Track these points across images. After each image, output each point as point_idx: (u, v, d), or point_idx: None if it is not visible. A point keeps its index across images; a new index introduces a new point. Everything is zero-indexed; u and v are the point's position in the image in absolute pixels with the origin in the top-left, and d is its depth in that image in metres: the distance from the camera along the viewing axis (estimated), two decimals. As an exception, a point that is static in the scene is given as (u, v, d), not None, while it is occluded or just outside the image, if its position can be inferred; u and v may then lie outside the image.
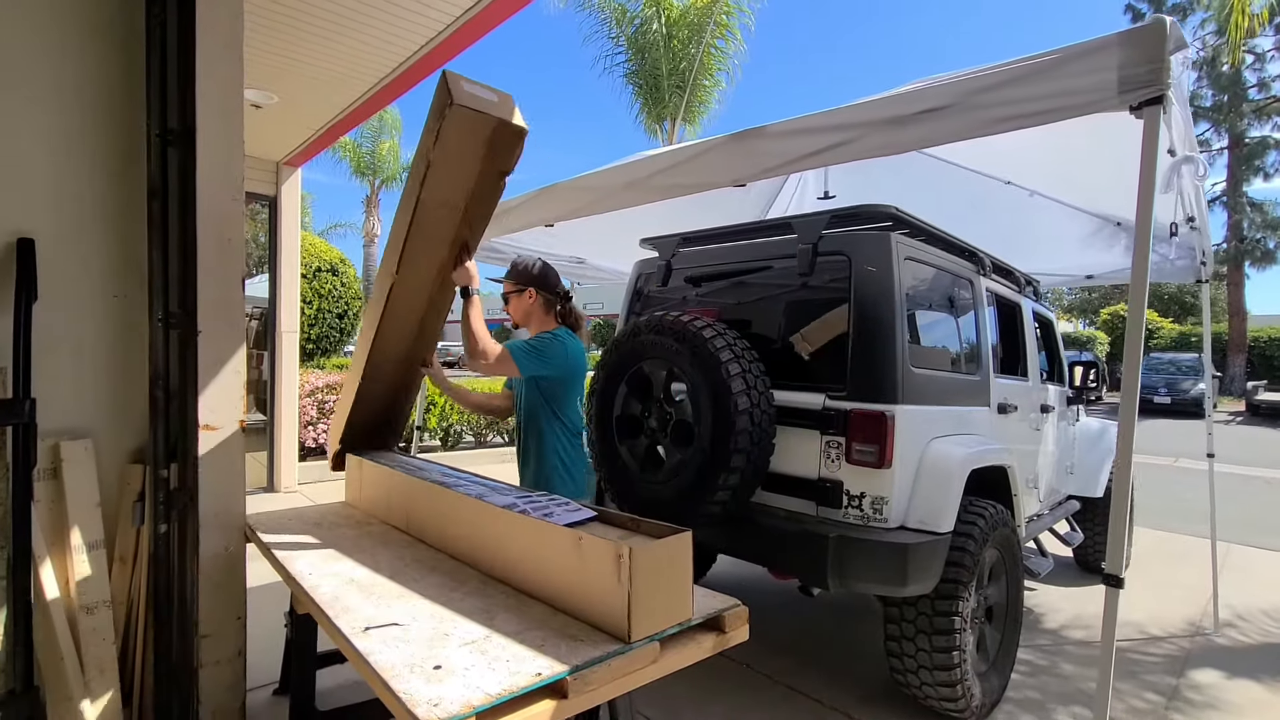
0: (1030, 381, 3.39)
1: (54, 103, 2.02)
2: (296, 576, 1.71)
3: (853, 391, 2.34)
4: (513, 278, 2.55)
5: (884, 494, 2.25)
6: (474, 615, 1.45)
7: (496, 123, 1.94)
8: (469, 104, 1.83)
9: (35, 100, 1.99)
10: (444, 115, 1.83)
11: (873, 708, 2.58)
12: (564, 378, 2.44)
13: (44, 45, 2.01)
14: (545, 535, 1.53)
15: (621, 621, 1.32)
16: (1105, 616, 1.61)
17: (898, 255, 2.40)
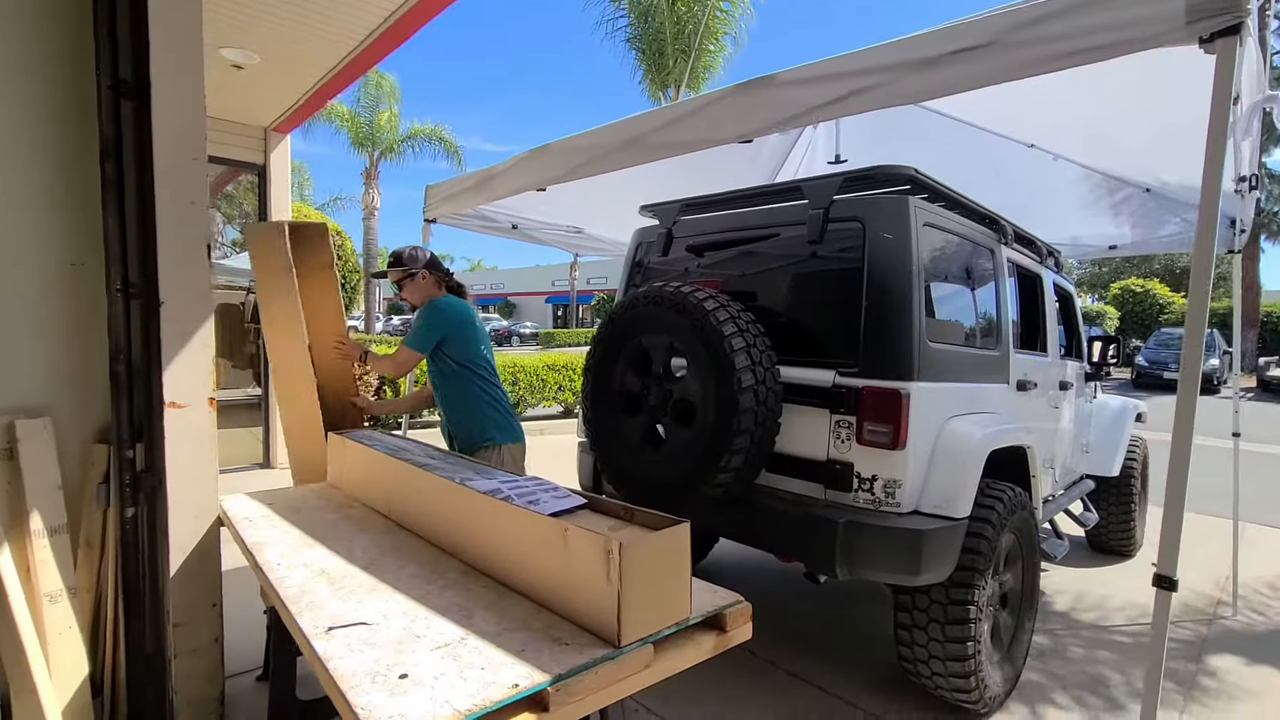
0: (1050, 357, 3.23)
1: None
2: (264, 567, 1.58)
3: (865, 368, 2.19)
4: (405, 264, 2.77)
5: (897, 477, 2.11)
6: (450, 613, 1.32)
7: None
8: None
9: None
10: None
11: (879, 696, 2.48)
12: (456, 331, 2.67)
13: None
14: (529, 525, 1.39)
15: (611, 623, 1.18)
16: (1155, 620, 1.47)
17: (916, 221, 2.22)
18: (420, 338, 2.66)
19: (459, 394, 2.69)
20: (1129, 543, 4.22)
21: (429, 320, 2.67)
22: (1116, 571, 3.98)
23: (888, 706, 2.41)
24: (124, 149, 1.96)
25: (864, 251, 2.24)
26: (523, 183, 2.73)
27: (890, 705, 2.42)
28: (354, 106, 20.02)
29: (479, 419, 2.67)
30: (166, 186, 1.94)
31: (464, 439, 2.69)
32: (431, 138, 20.10)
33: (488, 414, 2.69)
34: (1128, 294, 24.37)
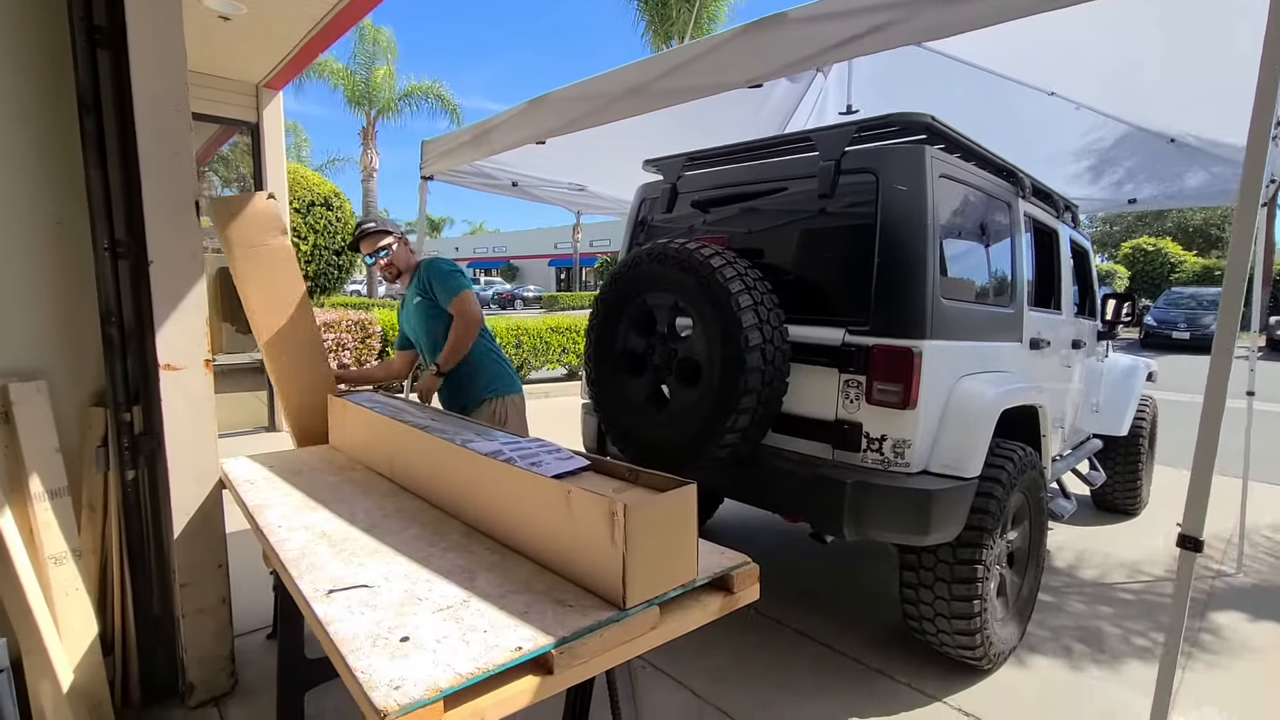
0: (1064, 315, 3.15)
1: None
2: (265, 530, 1.56)
3: (876, 326, 2.12)
4: (391, 231, 2.71)
5: (907, 436, 2.07)
6: (453, 575, 1.30)
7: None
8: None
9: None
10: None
11: (884, 653, 2.50)
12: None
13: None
14: (532, 487, 1.36)
15: (616, 585, 1.16)
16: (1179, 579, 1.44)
17: (932, 172, 2.12)
18: (460, 280, 2.61)
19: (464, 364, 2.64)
20: (1134, 502, 4.21)
21: (450, 271, 2.62)
22: (1120, 530, 3.98)
23: (892, 663, 2.43)
24: (103, 101, 1.88)
25: (877, 205, 2.15)
26: (521, 135, 2.63)
27: (895, 662, 2.43)
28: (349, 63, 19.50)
29: (483, 373, 2.65)
30: (149, 139, 1.86)
31: (466, 394, 2.65)
32: (429, 95, 19.60)
33: (490, 368, 2.67)
34: (1138, 253, 23.97)
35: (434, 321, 2.64)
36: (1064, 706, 2.22)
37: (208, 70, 5.01)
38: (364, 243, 2.68)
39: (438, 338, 2.64)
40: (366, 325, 6.73)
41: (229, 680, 2.13)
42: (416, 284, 2.67)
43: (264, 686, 2.17)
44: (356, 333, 6.63)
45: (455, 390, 2.67)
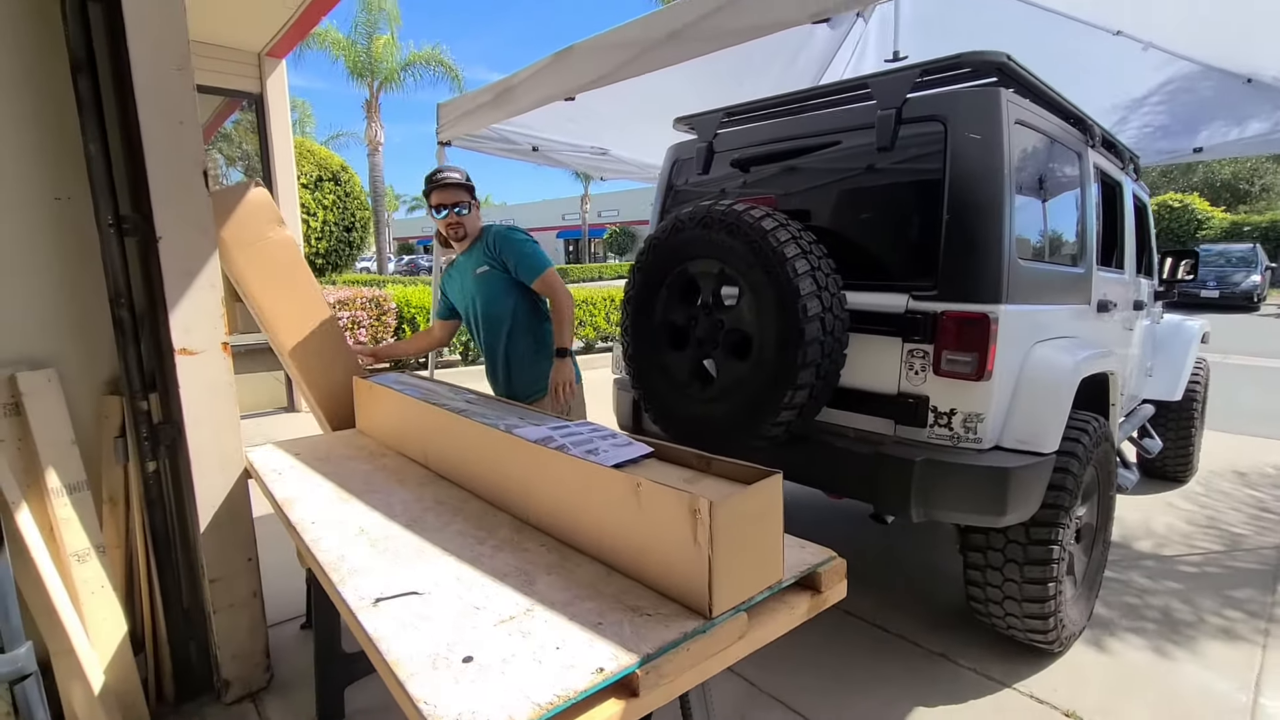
0: (1127, 275, 2.95)
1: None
2: (297, 526, 1.44)
3: (945, 290, 1.94)
4: (469, 190, 2.42)
5: (980, 410, 1.91)
6: (509, 579, 1.17)
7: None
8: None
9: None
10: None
11: (942, 635, 2.37)
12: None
13: None
14: (593, 479, 1.22)
15: (700, 591, 1.02)
16: None
17: (1008, 118, 1.92)
18: (543, 253, 2.43)
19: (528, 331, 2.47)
20: (1186, 469, 4.04)
21: (529, 242, 2.42)
22: (1171, 498, 3.82)
23: (952, 645, 2.31)
24: (98, 60, 1.71)
25: (945, 156, 1.95)
26: (547, 92, 2.42)
27: (954, 644, 2.31)
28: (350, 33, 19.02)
29: (548, 356, 2.44)
30: (150, 103, 1.69)
31: (529, 378, 2.48)
32: (431, 62, 19.12)
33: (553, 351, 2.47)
34: (1164, 209, 23.22)
35: (502, 296, 2.42)
36: (1140, 689, 2.09)
37: (207, 39, 4.80)
38: (440, 192, 2.37)
39: (504, 313, 2.43)
40: (381, 302, 6.60)
41: (265, 675, 2.05)
42: (482, 252, 2.42)
43: (300, 680, 2.09)
44: (372, 310, 6.51)
45: (518, 371, 2.49)
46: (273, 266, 2.14)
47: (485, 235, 2.44)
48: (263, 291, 2.14)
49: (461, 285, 2.53)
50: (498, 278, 2.40)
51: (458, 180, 2.38)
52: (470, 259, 2.47)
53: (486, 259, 2.41)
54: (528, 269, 2.35)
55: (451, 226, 2.39)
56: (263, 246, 2.10)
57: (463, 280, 2.52)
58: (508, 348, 2.47)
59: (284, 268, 2.17)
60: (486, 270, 2.41)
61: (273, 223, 2.12)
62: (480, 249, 2.44)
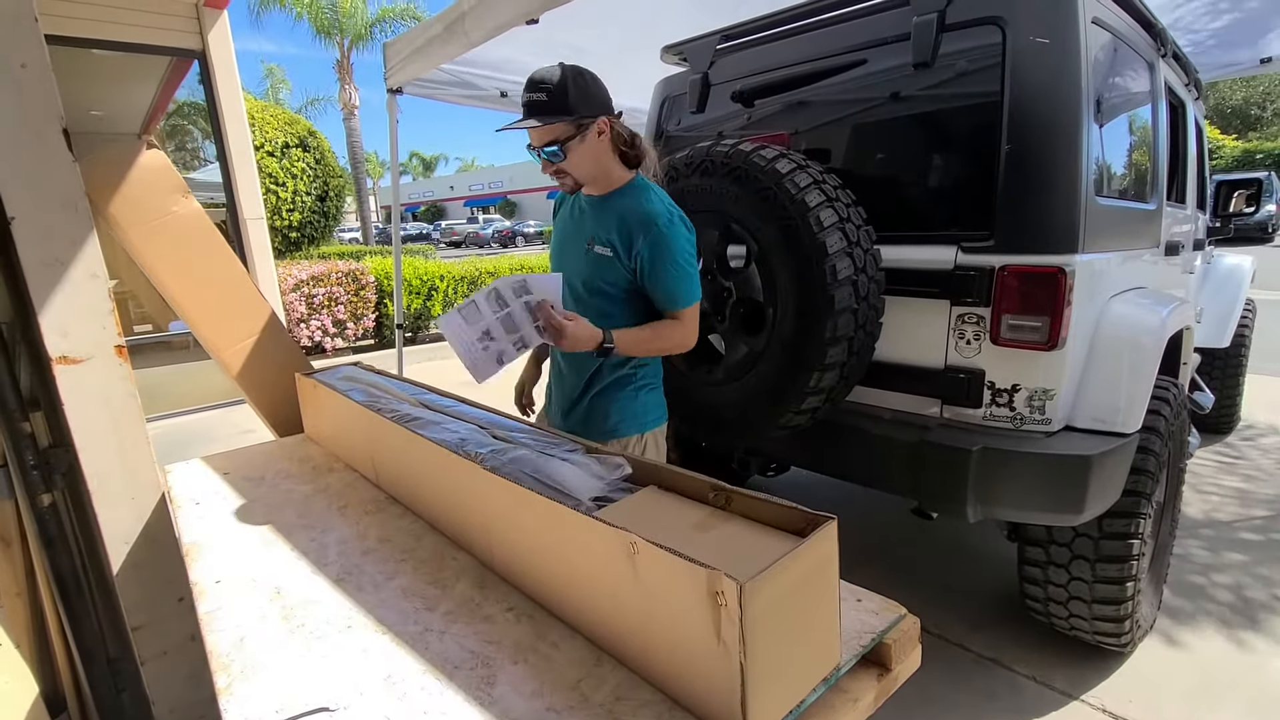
0: (1189, 209, 2.57)
1: None
2: (194, 589, 1.11)
3: (1004, 240, 1.58)
4: (574, 109, 1.37)
5: (1050, 385, 1.57)
6: (459, 674, 0.84)
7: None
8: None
9: None
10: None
11: (988, 636, 2.09)
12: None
13: None
14: (572, 531, 0.88)
15: (729, 705, 0.70)
16: None
17: (1085, 15, 1.51)
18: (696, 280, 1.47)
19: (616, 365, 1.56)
20: (1230, 419, 3.75)
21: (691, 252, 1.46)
22: (1218, 453, 3.52)
23: (1004, 649, 2.02)
24: (-102, -16, 1.29)
25: (1004, 70, 1.56)
26: (505, 15, 1.99)
27: (1006, 647, 2.03)
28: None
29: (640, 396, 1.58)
30: (-25, 40, 1.29)
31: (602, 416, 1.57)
32: (404, 17, 18.09)
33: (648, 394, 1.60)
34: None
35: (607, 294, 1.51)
36: (1224, 691, 1.81)
37: (136, -11, 4.28)
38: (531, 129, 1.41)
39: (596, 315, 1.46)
40: (359, 276, 6.20)
41: (215, 727, 1.76)
42: (618, 225, 1.46)
43: (260, 727, 1.80)
44: (349, 284, 6.11)
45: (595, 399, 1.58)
46: (182, 247, 1.76)
47: (635, 202, 1.47)
48: (174, 278, 1.77)
49: (567, 240, 1.62)
50: (619, 273, 1.48)
51: (545, 104, 1.37)
52: (597, 217, 1.52)
53: (619, 239, 1.46)
54: (667, 293, 1.46)
55: (559, 177, 1.48)
56: (166, 222, 1.72)
57: (574, 237, 1.59)
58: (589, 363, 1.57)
59: (197, 247, 1.79)
60: (609, 255, 1.48)
61: (175, 193, 1.73)
62: (617, 215, 1.47)
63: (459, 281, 7.11)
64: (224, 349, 1.87)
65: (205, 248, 1.82)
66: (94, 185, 1.62)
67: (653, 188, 1.51)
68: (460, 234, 34.26)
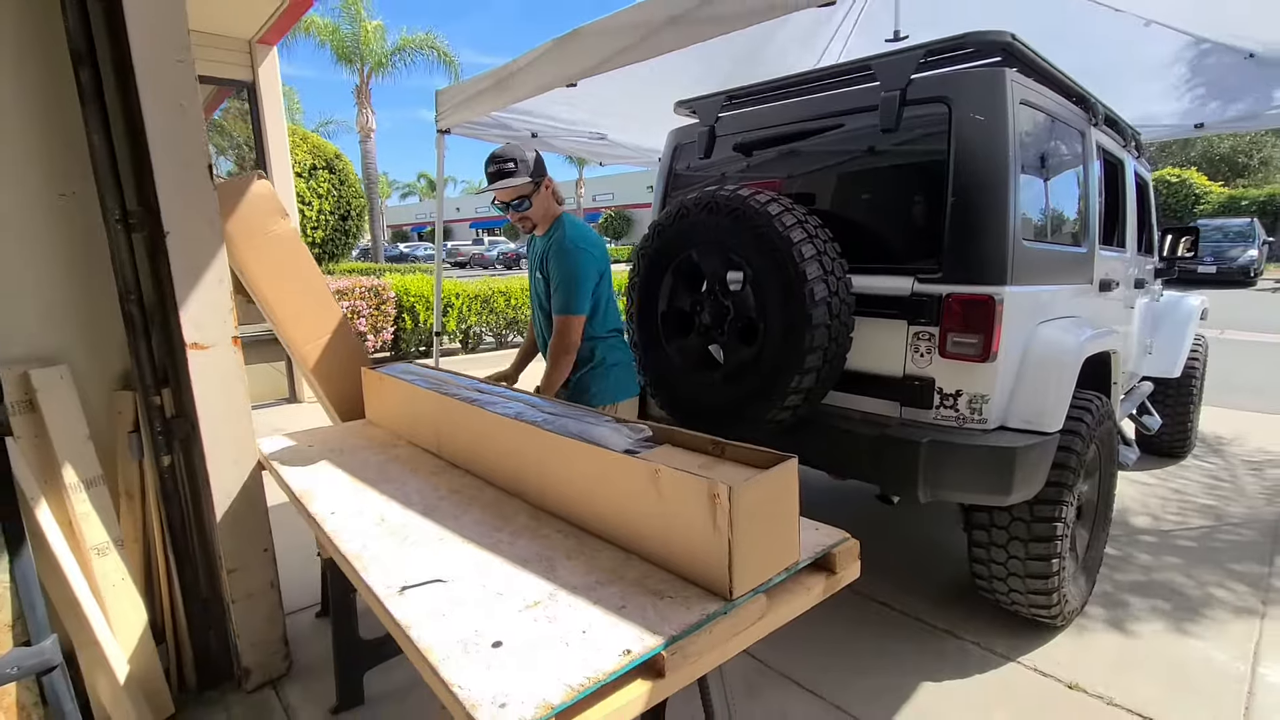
0: (1129, 253, 2.96)
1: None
2: (318, 519, 1.46)
3: (950, 272, 1.96)
4: (531, 173, 2.04)
5: (985, 391, 1.93)
6: (529, 564, 1.19)
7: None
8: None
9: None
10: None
11: (946, 611, 2.42)
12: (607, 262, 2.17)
13: None
14: (610, 466, 1.24)
15: (720, 574, 1.05)
16: None
17: (1013, 98, 1.91)
18: (580, 298, 2.02)
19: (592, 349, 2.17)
20: (1184, 445, 4.09)
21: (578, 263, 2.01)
22: (1172, 474, 3.87)
23: (957, 621, 2.35)
24: (98, 52, 1.70)
25: (950, 138, 1.95)
26: (549, 79, 2.40)
27: (959, 620, 2.36)
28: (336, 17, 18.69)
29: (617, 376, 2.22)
30: (151, 93, 1.68)
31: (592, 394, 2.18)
32: (423, 47, 18.86)
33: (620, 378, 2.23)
34: (1162, 184, 23.16)
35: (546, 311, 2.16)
36: (1142, 661, 2.14)
37: (198, 27, 4.70)
38: (499, 190, 2.04)
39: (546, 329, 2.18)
40: (380, 291, 6.59)
41: (284, 663, 2.09)
42: (544, 252, 2.11)
43: (319, 666, 2.12)
44: (371, 299, 6.49)
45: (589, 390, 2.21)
46: (278, 259, 2.14)
47: (554, 233, 2.10)
48: (269, 284, 2.14)
49: (531, 275, 2.31)
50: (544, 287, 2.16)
51: (512, 174, 2.01)
52: (536, 251, 2.20)
53: (542, 266, 2.14)
54: (556, 294, 2.05)
55: (519, 222, 2.12)
56: (267, 239, 2.10)
57: (531, 271, 2.28)
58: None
59: (289, 260, 2.17)
60: (540, 280, 2.18)
61: (276, 214, 2.11)
62: (545, 246, 2.12)
63: (473, 299, 7.51)
64: (303, 344, 2.23)
65: (295, 260, 2.19)
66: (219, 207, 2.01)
67: (569, 220, 2.12)
68: (465, 255, 34.83)
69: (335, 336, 2.31)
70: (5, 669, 1.58)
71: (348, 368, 2.31)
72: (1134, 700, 1.94)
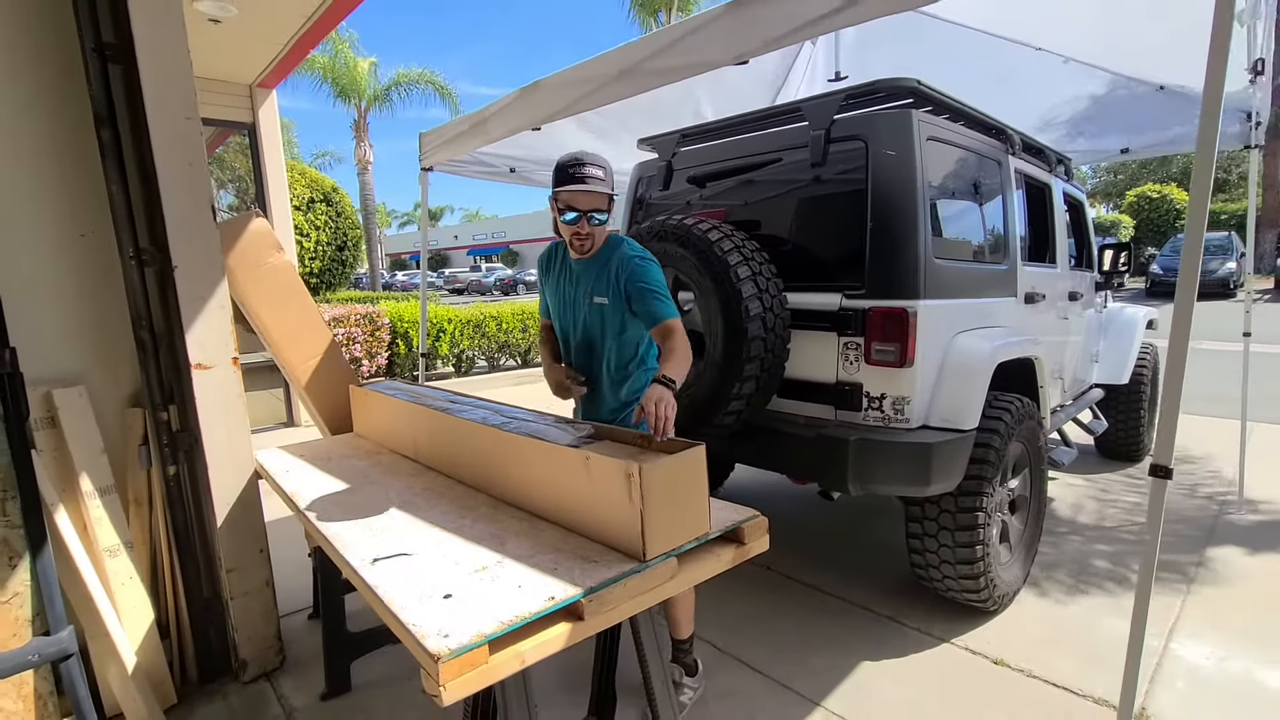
0: (1059, 269, 3.21)
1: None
2: (306, 511, 1.68)
3: (871, 289, 2.20)
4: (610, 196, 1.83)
5: (905, 394, 2.16)
6: (484, 541, 1.41)
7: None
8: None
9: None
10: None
11: (893, 601, 2.62)
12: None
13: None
14: (552, 456, 1.46)
15: (635, 541, 1.26)
16: (1151, 507, 1.53)
17: (920, 136, 2.18)
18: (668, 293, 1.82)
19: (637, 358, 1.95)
20: (1137, 448, 4.30)
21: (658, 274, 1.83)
22: (1123, 476, 4.07)
23: (901, 610, 2.55)
24: (118, 114, 1.96)
25: (867, 171, 2.21)
26: (517, 123, 2.68)
27: (904, 608, 2.55)
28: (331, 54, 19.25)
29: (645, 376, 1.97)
30: (164, 149, 1.94)
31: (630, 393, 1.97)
32: (420, 81, 19.42)
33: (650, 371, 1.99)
34: (1143, 200, 23.68)
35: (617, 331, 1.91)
36: (1063, 639, 2.33)
37: (201, 74, 4.99)
38: (576, 194, 1.77)
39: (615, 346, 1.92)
40: (375, 319, 6.83)
41: (278, 657, 2.28)
42: (605, 277, 1.86)
43: (310, 660, 2.31)
44: (366, 326, 6.74)
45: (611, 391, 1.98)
46: (274, 288, 2.38)
47: (612, 253, 1.87)
48: (266, 311, 2.38)
49: (568, 302, 1.98)
50: (617, 312, 1.86)
51: (601, 180, 1.76)
52: (587, 275, 1.91)
53: (609, 288, 1.85)
54: (648, 313, 1.77)
55: (580, 237, 1.83)
56: (265, 271, 2.34)
57: (574, 297, 1.96)
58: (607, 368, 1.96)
59: (284, 289, 2.41)
60: (605, 304, 1.87)
61: (272, 249, 2.36)
62: (602, 269, 1.87)
63: (465, 325, 7.77)
64: (297, 365, 2.46)
65: (290, 289, 2.44)
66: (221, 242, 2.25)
67: (624, 237, 1.94)
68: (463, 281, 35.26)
69: (326, 358, 2.54)
70: (27, 656, 1.78)
71: (337, 386, 2.54)
72: (1050, 672, 2.13)
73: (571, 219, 1.80)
